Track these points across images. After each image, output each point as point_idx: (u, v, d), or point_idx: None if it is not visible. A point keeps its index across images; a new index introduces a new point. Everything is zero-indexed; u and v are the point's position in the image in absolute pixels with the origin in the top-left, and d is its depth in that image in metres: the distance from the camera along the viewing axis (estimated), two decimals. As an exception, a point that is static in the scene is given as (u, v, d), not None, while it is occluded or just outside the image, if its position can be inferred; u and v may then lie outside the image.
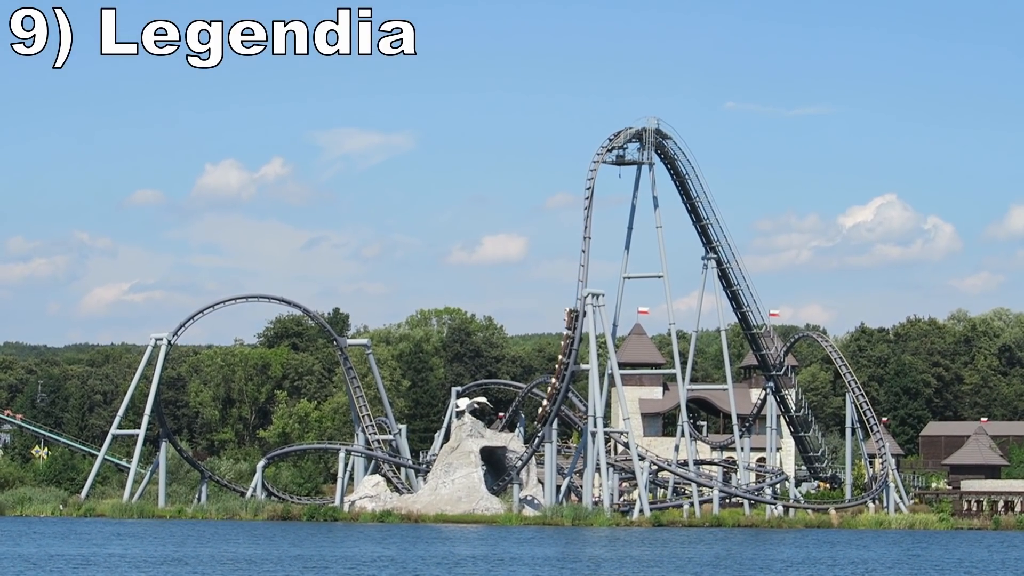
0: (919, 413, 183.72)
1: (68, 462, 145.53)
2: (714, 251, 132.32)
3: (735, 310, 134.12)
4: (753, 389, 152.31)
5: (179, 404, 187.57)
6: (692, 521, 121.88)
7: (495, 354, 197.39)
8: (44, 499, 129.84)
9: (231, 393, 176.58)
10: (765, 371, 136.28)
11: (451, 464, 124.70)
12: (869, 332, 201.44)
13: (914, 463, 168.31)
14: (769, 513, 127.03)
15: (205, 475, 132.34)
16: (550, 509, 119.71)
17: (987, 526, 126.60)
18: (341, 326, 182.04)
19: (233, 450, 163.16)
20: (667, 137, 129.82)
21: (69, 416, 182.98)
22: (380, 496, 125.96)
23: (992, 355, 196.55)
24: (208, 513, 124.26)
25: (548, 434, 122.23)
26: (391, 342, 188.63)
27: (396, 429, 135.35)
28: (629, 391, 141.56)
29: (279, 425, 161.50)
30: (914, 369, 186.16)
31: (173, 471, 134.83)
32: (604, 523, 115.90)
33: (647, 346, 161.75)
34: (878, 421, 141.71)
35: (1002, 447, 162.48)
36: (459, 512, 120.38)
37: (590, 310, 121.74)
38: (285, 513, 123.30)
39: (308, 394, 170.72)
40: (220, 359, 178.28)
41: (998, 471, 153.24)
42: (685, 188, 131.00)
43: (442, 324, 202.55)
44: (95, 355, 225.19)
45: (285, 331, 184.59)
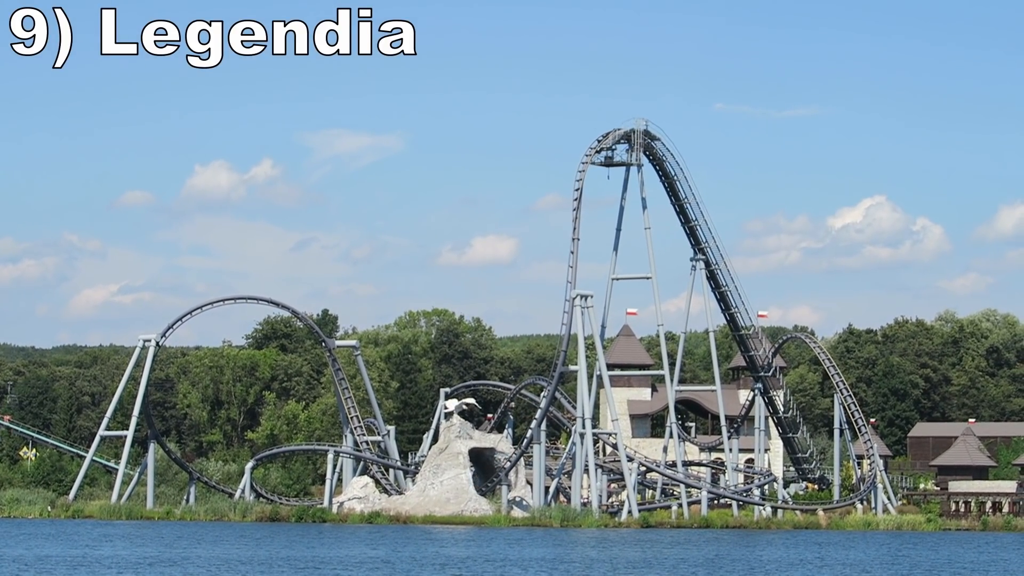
0: (907, 414, 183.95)
1: (56, 463, 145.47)
2: (702, 252, 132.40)
3: (723, 311, 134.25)
4: (741, 390, 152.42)
5: (167, 405, 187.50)
6: (680, 522, 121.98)
7: (484, 355, 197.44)
8: (32, 500, 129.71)
9: (219, 394, 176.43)
10: (753, 372, 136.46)
11: (440, 465, 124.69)
12: (857, 333, 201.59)
13: (902, 464, 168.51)
14: (757, 514, 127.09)
15: (193, 476, 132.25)
16: (538, 510, 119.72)
17: (975, 527, 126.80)
18: (330, 327, 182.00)
19: (221, 451, 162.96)
20: (655, 138, 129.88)
21: (57, 417, 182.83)
22: (369, 497, 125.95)
23: (980, 356, 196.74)
24: (196, 514, 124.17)
25: (537, 435, 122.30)
26: (380, 343, 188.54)
27: (384, 430, 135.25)
28: (617, 392, 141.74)
29: (267, 426, 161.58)
30: (902, 370, 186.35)
31: (161, 472, 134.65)
32: (593, 524, 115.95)
33: (635, 347, 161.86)
34: (866, 422, 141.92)
35: (990, 448, 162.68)
36: (448, 513, 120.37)
37: (578, 311, 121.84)
38: (274, 514, 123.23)
39: (296, 395, 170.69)
40: (208, 360, 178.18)
41: (986, 472, 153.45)
42: (673, 189, 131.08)
43: (431, 325, 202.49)
44: (83, 356, 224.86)
45: (274, 332, 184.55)
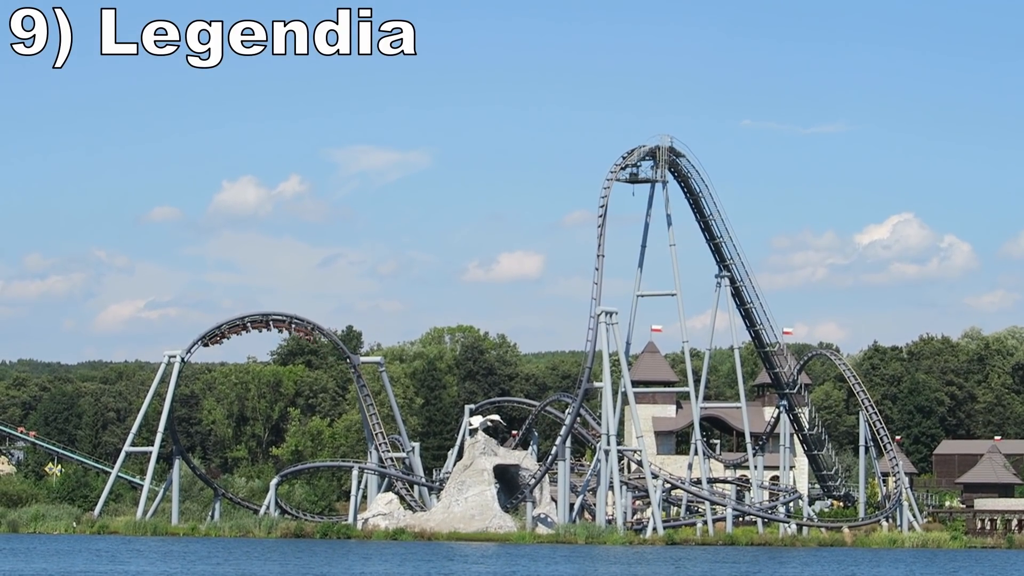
0: (932, 431, 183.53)
1: (81, 479, 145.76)
2: (727, 269, 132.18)
3: (748, 328, 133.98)
4: (766, 407, 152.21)
5: (192, 421, 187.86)
6: (705, 539, 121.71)
7: (508, 372, 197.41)
8: (58, 516, 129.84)
9: (244, 411, 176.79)
10: (778, 389, 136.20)
11: (464, 482, 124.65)
12: (882, 350, 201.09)
13: (927, 481, 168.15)
14: (782, 531, 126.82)
15: (218, 492, 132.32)
16: (563, 527, 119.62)
17: (1001, 544, 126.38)
18: (355, 344, 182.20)
19: (246, 468, 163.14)
20: (680, 155, 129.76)
21: (82, 433, 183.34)
22: (393, 514, 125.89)
23: (1006, 373, 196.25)
24: (221, 530, 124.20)
25: (562, 452, 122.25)
26: (405, 360, 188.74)
27: (409, 447, 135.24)
28: (642, 409, 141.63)
29: (292, 443, 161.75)
30: (927, 387, 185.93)
31: (186, 488, 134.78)
32: (617, 541, 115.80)
33: (660, 364, 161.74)
34: (891, 439, 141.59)
35: (1015, 465, 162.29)
36: (472, 530, 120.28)
37: (603, 328, 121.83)
38: (298, 531, 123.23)
39: (322, 412, 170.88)
40: (233, 377, 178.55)
41: (1012, 490, 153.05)
42: (699, 206, 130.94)
43: (455, 342, 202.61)
44: (108, 372, 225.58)
45: (300, 349, 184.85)
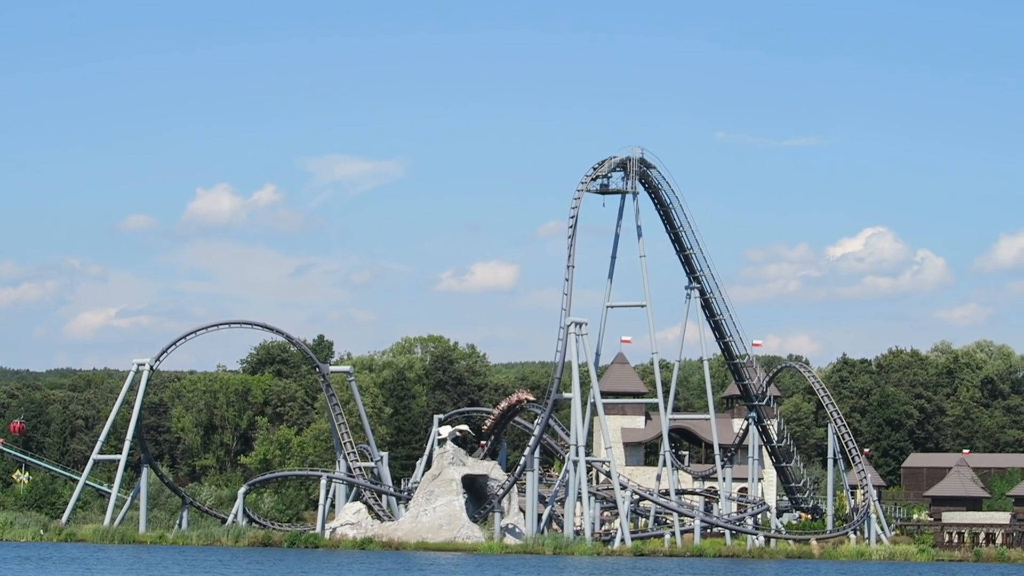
0: (901, 444, 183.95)
1: (49, 487, 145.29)
2: (697, 281, 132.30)
3: (718, 340, 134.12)
4: (735, 419, 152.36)
5: (161, 429, 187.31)
6: (673, 551, 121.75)
7: (477, 382, 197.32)
8: (25, 523, 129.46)
9: (213, 419, 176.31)
10: (747, 401, 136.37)
11: (432, 492, 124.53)
12: (851, 363, 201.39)
13: (896, 494, 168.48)
14: (750, 543, 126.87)
15: (186, 501, 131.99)
16: (531, 538, 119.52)
17: (968, 558, 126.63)
18: (325, 353, 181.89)
19: (214, 476, 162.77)
20: (651, 167, 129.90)
21: (50, 440, 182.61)
22: (361, 523, 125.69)
23: (975, 387, 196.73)
24: (189, 539, 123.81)
25: (530, 462, 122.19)
26: (374, 369, 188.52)
27: (378, 456, 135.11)
28: (611, 420, 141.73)
29: (260, 451, 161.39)
30: (896, 400, 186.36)
31: (154, 496, 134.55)
32: (586, 552, 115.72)
33: (630, 375, 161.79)
34: (860, 452, 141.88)
35: (983, 479, 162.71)
36: (440, 540, 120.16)
37: (573, 339, 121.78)
38: (266, 539, 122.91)
39: (290, 420, 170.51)
40: (202, 385, 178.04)
41: (979, 503, 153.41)
42: (669, 218, 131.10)
43: (425, 352, 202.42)
44: (77, 380, 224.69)
45: (270, 357, 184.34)
